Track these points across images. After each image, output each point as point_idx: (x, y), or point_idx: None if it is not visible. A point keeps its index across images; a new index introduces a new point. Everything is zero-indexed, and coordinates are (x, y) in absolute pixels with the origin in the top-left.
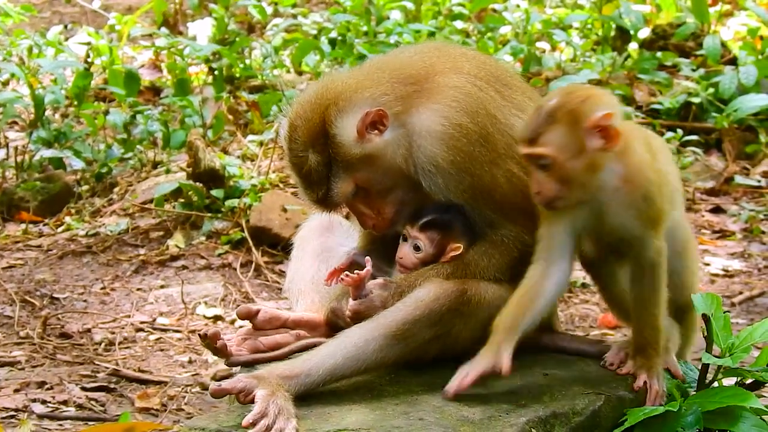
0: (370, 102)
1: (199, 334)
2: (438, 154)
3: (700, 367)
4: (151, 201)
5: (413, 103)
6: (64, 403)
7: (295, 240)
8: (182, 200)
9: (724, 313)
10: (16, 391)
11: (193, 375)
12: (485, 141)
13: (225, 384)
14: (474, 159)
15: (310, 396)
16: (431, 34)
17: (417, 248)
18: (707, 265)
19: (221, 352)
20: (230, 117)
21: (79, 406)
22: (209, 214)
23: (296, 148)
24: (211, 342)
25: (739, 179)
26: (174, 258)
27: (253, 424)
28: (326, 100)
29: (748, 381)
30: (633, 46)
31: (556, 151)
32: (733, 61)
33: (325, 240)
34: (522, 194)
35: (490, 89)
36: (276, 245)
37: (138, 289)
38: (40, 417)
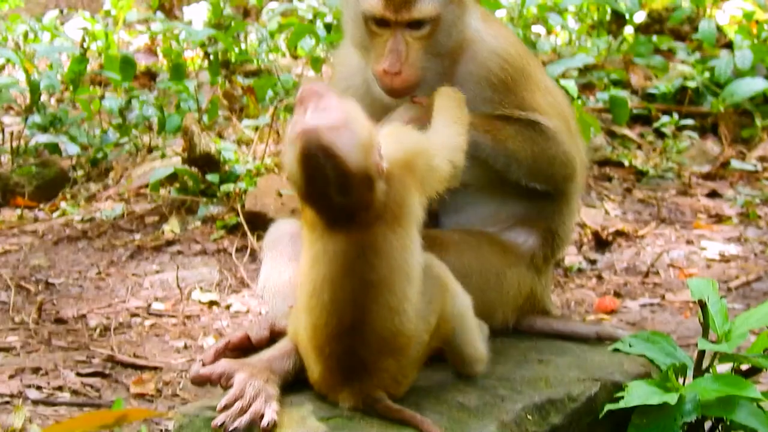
0: None
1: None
2: (488, 70)
3: (695, 353)
4: (146, 186)
5: (476, 21)
6: (59, 388)
7: (266, 243)
8: (177, 185)
9: (721, 298)
10: (11, 376)
11: (188, 360)
12: (527, 75)
13: (203, 370)
14: (517, 83)
15: (302, 382)
16: None
17: None
18: (703, 249)
19: None
20: (225, 102)
21: (74, 392)
22: (204, 199)
23: None
24: None
25: (735, 163)
26: (169, 243)
27: (227, 407)
28: None
29: (744, 367)
30: (628, 30)
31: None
32: (729, 45)
33: (297, 246)
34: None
35: (526, 52)
36: None
37: (133, 275)
38: (35, 403)
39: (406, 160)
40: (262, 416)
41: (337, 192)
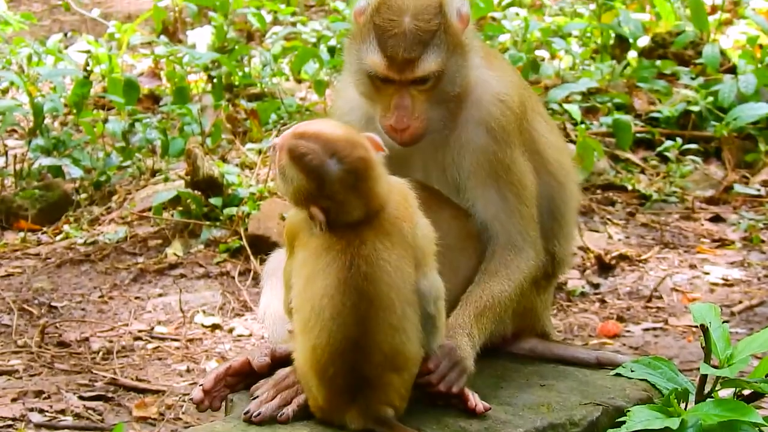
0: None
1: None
2: (486, 112)
3: (698, 378)
4: (149, 209)
5: (479, 62)
6: (62, 412)
7: (266, 272)
8: (181, 208)
9: (723, 322)
10: (14, 400)
11: (190, 384)
12: (520, 127)
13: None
14: (513, 133)
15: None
16: None
17: None
18: (706, 274)
19: None
20: (229, 125)
21: (77, 416)
22: (208, 223)
23: (426, 13)
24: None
25: (738, 188)
26: (172, 266)
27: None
28: None
29: (746, 392)
30: (632, 55)
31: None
32: (733, 70)
33: None
34: (535, 203)
35: (525, 89)
36: None
37: (136, 298)
38: (38, 426)
39: (405, 197)
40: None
41: (337, 162)
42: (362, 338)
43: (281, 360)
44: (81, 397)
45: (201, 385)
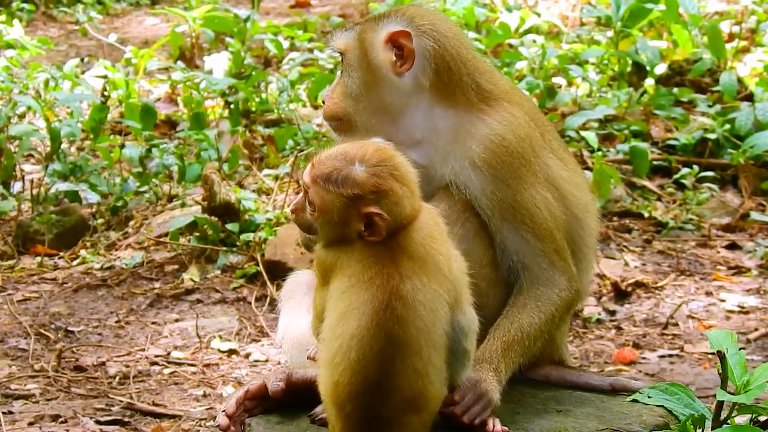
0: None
1: None
2: (475, 153)
3: (714, 405)
4: (166, 234)
5: (476, 108)
6: None
7: (283, 294)
8: (197, 234)
9: (739, 349)
10: (31, 424)
11: (207, 409)
12: (526, 163)
13: None
14: (512, 172)
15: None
16: None
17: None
18: (722, 301)
19: None
20: (246, 151)
21: None
22: (224, 248)
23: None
24: None
25: (755, 215)
26: (189, 292)
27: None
28: None
29: (763, 418)
30: (649, 82)
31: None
32: (750, 98)
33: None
34: (560, 233)
35: (536, 129)
36: None
37: (153, 323)
38: None
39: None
40: None
41: (360, 164)
42: (384, 381)
43: (297, 385)
44: (98, 422)
45: (223, 410)
